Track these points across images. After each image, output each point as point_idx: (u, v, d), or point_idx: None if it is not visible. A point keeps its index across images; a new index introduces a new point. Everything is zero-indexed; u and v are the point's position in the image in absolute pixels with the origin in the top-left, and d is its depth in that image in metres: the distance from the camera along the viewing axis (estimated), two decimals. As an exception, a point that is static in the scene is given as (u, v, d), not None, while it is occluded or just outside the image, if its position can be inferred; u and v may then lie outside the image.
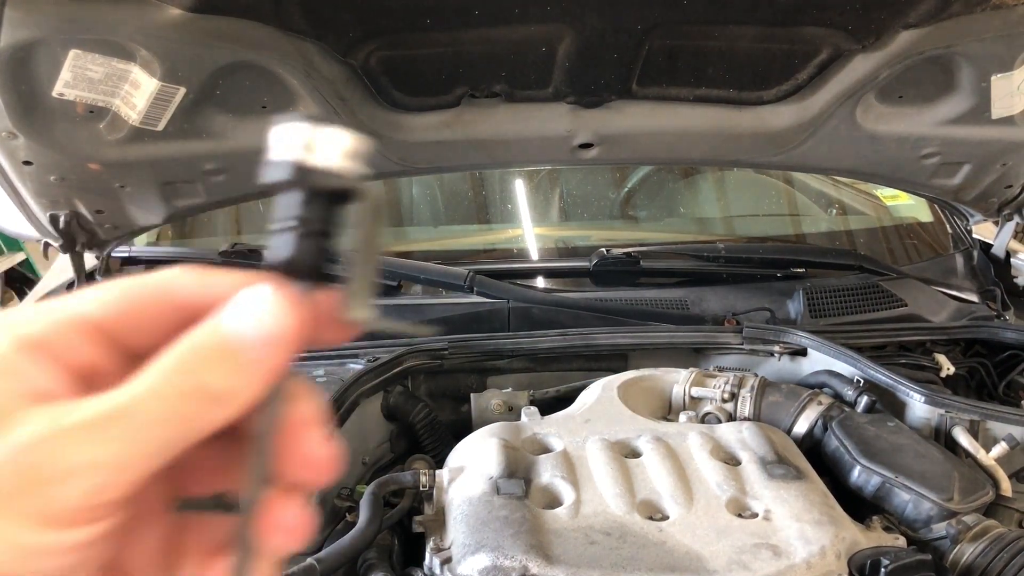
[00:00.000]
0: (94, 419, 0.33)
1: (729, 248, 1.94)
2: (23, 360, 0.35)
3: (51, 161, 1.40)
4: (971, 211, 1.91)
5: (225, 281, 0.39)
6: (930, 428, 1.42)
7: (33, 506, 0.32)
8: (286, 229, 0.39)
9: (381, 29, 1.29)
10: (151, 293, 0.39)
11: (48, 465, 0.32)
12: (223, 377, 0.36)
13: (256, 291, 0.37)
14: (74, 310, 0.37)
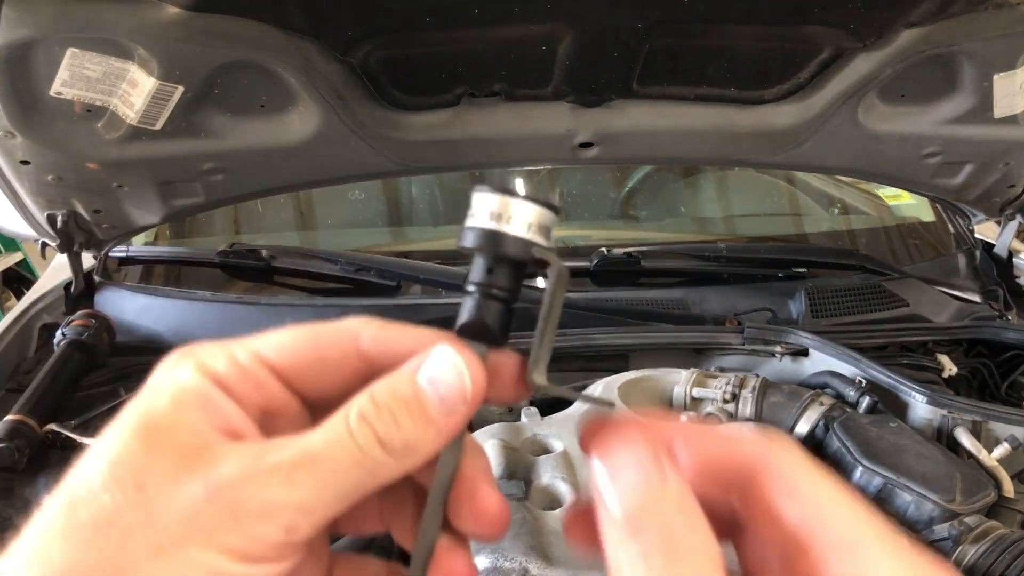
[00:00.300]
0: (291, 461, 0.34)
1: (730, 248, 1.93)
2: (217, 394, 0.37)
3: (49, 160, 1.39)
4: (973, 211, 1.90)
5: (409, 336, 0.41)
6: (932, 429, 1.42)
7: (234, 540, 0.33)
8: (474, 292, 0.42)
9: (380, 28, 1.28)
10: (334, 341, 0.40)
11: (249, 502, 0.33)
12: (413, 429, 0.37)
13: (448, 350, 0.39)
14: (258, 352, 0.39)
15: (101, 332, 1.52)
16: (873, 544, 0.34)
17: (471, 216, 0.42)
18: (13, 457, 1.21)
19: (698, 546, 0.33)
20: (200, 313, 1.67)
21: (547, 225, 0.42)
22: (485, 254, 0.41)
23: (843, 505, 0.35)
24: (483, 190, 0.42)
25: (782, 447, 0.38)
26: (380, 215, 2.20)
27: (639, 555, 0.33)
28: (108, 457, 0.35)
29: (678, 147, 1.62)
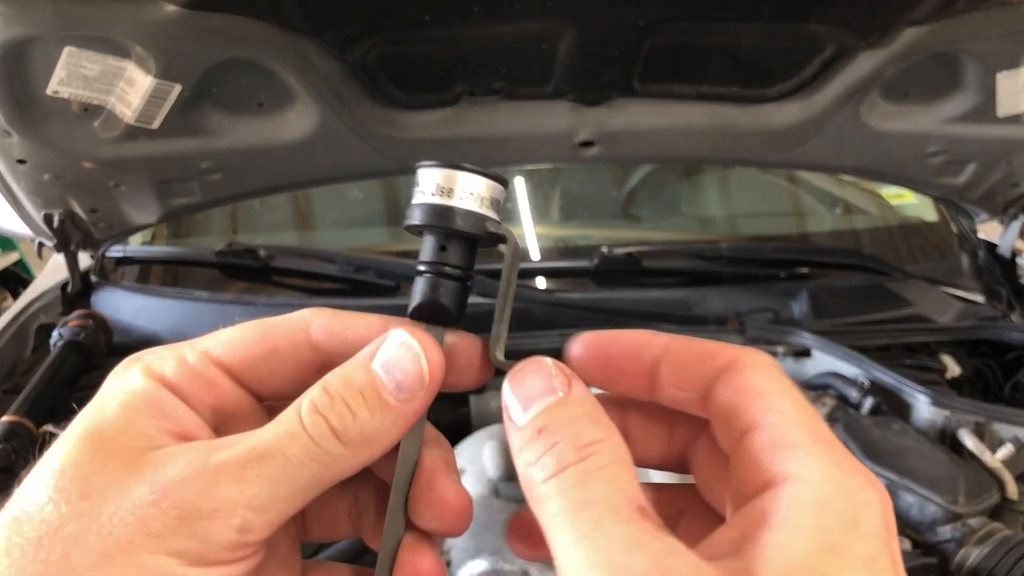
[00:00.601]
0: (241, 458, 0.33)
1: (732, 248, 1.93)
2: (167, 397, 0.36)
3: (45, 160, 1.39)
4: (977, 210, 1.89)
5: (361, 323, 0.41)
6: (935, 430, 1.41)
7: (184, 543, 0.32)
8: (427, 272, 0.41)
9: (379, 26, 1.27)
10: (284, 333, 0.39)
11: (197, 502, 0.32)
12: (369, 418, 0.35)
13: (402, 334, 0.38)
14: (207, 351, 0.38)
15: (98, 332, 1.51)
16: (808, 444, 0.33)
17: (418, 192, 0.41)
18: (9, 458, 1.20)
19: (604, 442, 0.33)
20: (198, 313, 1.66)
21: (497, 198, 0.40)
22: (436, 231, 0.40)
23: (790, 404, 0.35)
24: (428, 164, 0.41)
25: (755, 352, 0.38)
26: (379, 214, 2.19)
27: (546, 453, 0.33)
28: (53, 467, 0.34)
29: (679, 146, 1.61)
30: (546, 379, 0.36)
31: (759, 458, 0.34)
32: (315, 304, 1.61)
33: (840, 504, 0.31)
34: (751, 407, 0.36)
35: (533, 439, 0.33)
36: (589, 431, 0.33)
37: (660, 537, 0.30)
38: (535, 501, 0.33)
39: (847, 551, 0.30)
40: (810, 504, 0.31)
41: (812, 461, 0.32)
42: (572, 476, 0.31)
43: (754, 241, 2.14)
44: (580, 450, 0.32)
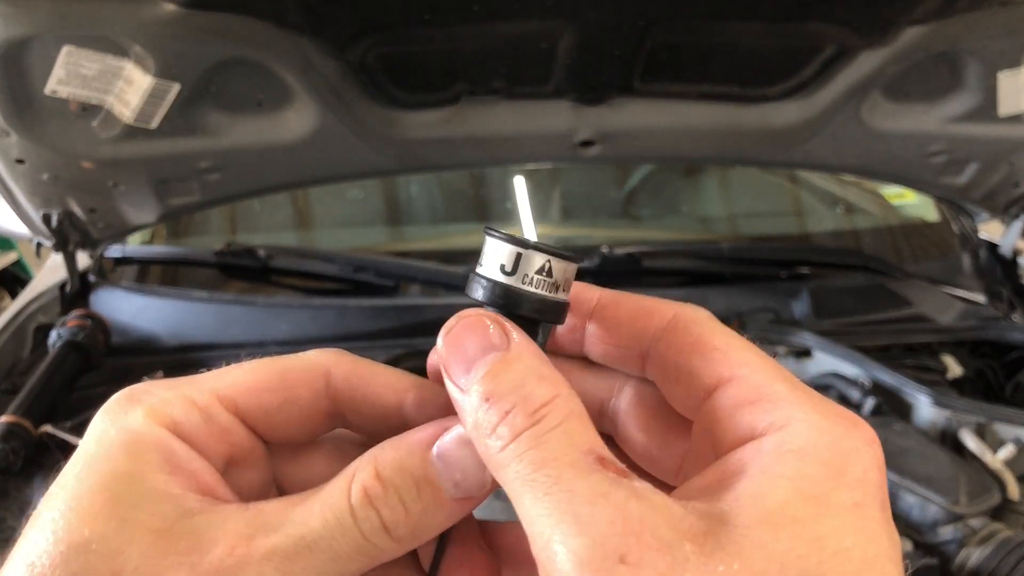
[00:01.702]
0: (289, 548, 0.31)
1: (733, 248, 1.92)
2: (180, 448, 0.33)
3: (44, 159, 1.38)
4: (978, 210, 1.89)
5: (384, 379, 0.37)
6: (936, 430, 1.41)
7: None
8: None
9: (378, 25, 1.27)
10: (304, 380, 0.37)
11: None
12: (422, 514, 0.34)
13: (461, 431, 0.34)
14: (219, 393, 0.35)
15: (97, 333, 1.51)
16: (788, 395, 0.32)
17: (482, 265, 0.38)
18: (8, 459, 1.20)
19: (555, 400, 0.32)
20: (197, 313, 1.66)
21: (569, 280, 0.38)
22: (499, 309, 0.37)
23: (754, 356, 0.34)
24: (497, 236, 0.37)
25: (694, 308, 0.37)
26: (378, 214, 2.19)
27: (500, 423, 0.31)
28: (73, 539, 0.30)
29: (680, 145, 1.61)
30: (483, 335, 0.33)
31: (737, 413, 0.33)
32: (315, 304, 1.61)
33: (824, 452, 0.30)
34: (712, 363, 0.35)
35: (482, 408, 0.32)
36: (538, 392, 0.32)
37: (622, 484, 0.29)
38: (495, 469, 0.32)
39: (830, 499, 0.29)
40: (793, 453, 0.30)
41: (795, 411, 0.32)
42: (527, 440, 0.30)
43: (755, 241, 2.13)
44: (532, 415, 0.31)
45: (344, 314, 1.65)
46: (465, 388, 0.33)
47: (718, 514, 0.29)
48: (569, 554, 0.28)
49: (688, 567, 0.27)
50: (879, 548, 0.29)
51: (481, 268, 0.37)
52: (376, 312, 1.66)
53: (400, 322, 1.65)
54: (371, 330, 1.63)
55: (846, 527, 0.29)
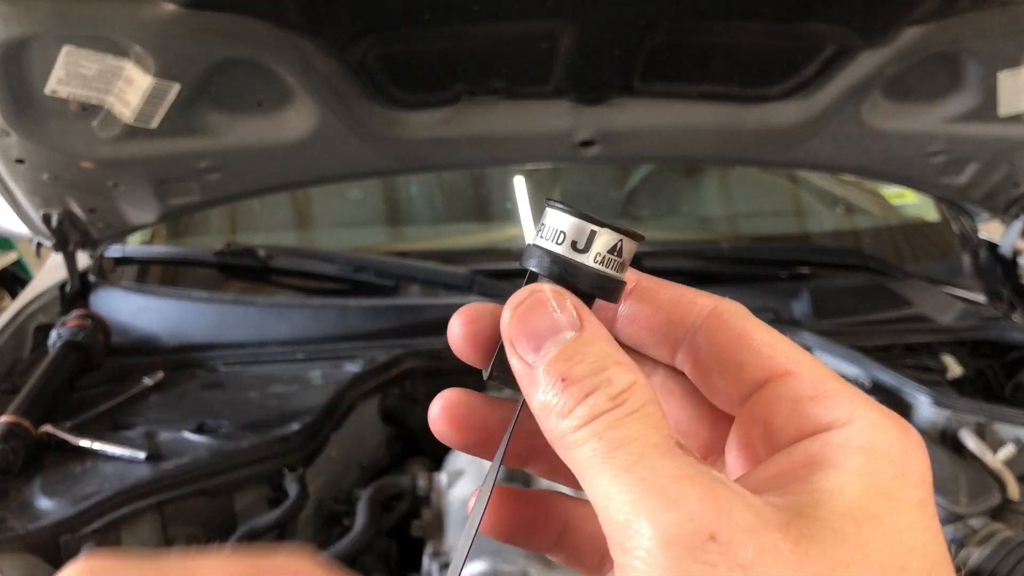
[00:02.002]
0: None
1: (733, 248, 1.92)
2: None
3: (44, 159, 1.38)
4: (978, 210, 1.89)
5: None
6: (936, 430, 1.41)
7: None
8: None
9: (378, 25, 1.27)
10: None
11: None
12: None
13: None
14: None
15: (97, 333, 1.51)
16: (845, 392, 0.33)
17: (543, 236, 0.37)
18: (8, 459, 1.20)
19: (635, 385, 0.32)
20: (197, 313, 1.66)
21: (629, 259, 0.37)
22: (551, 282, 0.36)
23: (802, 353, 0.35)
24: (564, 209, 0.37)
25: (733, 302, 0.37)
26: (378, 214, 2.19)
27: (579, 405, 0.31)
28: None
29: (680, 145, 1.61)
30: (555, 313, 0.33)
31: (798, 408, 0.33)
32: (315, 304, 1.60)
33: (889, 450, 0.31)
34: (762, 357, 0.35)
35: (557, 388, 0.32)
36: (619, 377, 0.31)
37: (704, 470, 0.29)
38: (565, 447, 0.31)
39: (899, 496, 0.30)
40: (861, 449, 0.31)
41: (856, 408, 0.32)
42: (607, 420, 0.30)
43: (755, 241, 2.13)
44: (614, 399, 0.31)
45: (344, 314, 1.65)
46: (534, 364, 0.33)
47: (795, 506, 0.29)
48: (657, 529, 0.28)
49: (779, 553, 0.27)
50: (942, 547, 0.30)
51: (542, 240, 0.37)
52: (376, 312, 1.66)
53: (400, 322, 1.65)
54: (371, 330, 1.63)
55: (917, 524, 0.30)
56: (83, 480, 1.19)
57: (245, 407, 1.40)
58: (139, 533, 1.17)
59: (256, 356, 1.57)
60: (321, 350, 1.57)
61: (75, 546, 1.10)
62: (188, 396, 1.44)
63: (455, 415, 0.39)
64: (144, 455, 1.23)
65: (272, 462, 1.27)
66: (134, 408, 1.40)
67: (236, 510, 1.25)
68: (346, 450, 1.43)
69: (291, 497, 1.23)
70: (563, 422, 0.31)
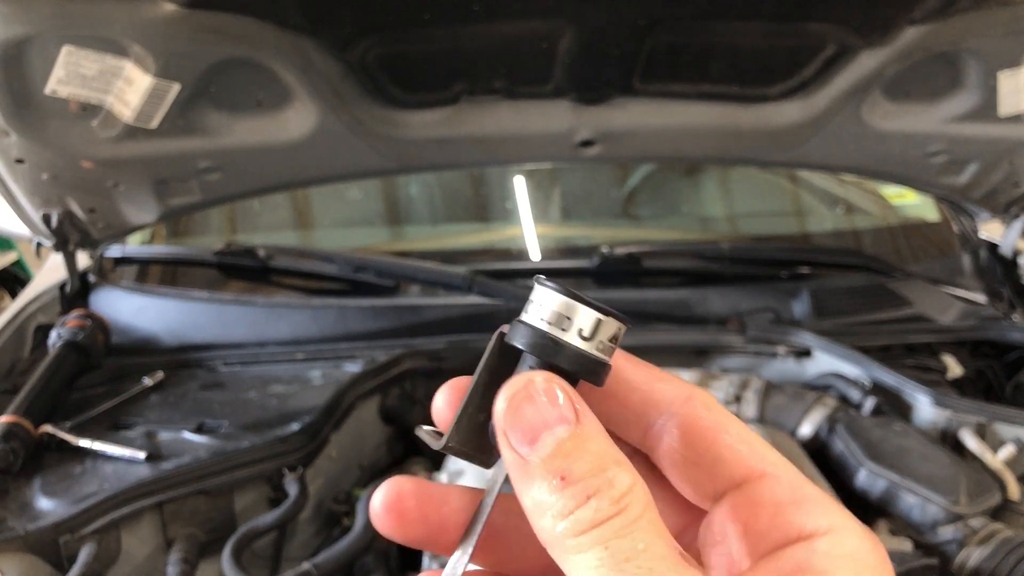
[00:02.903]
0: None
1: (733, 248, 1.92)
2: None
3: (44, 159, 1.38)
4: (978, 209, 1.89)
5: None
6: (937, 430, 1.41)
7: None
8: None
9: (378, 25, 1.27)
10: None
11: None
12: None
13: None
14: None
15: (96, 333, 1.51)
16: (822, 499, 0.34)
17: (529, 313, 0.37)
18: (8, 459, 1.20)
19: (635, 486, 0.32)
20: (196, 313, 1.66)
21: (615, 336, 0.37)
22: (537, 360, 0.36)
23: (775, 453, 0.36)
24: (549, 286, 0.37)
25: (703, 391, 0.37)
26: (378, 214, 2.19)
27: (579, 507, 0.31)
28: None
29: (680, 145, 1.60)
30: (551, 404, 0.32)
31: (780, 511, 0.34)
32: (315, 304, 1.60)
33: (869, 559, 0.33)
34: (741, 455, 0.35)
35: (555, 487, 0.31)
36: (621, 479, 0.31)
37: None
38: (563, 551, 0.31)
39: None
40: (847, 559, 0.32)
41: (833, 517, 0.33)
42: (612, 528, 0.30)
43: (755, 241, 2.13)
44: (617, 502, 0.31)
45: (344, 314, 1.65)
46: (528, 458, 0.32)
47: None
48: None
49: None
50: None
51: (529, 317, 0.37)
52: (376, 312, 1.66)
53: (400, 322, 1.65)
54: (371, 330, 1.63)
55: None
56: (83, 480, 1.19)
57: (245, 407, 1.40)
58: (139, 533, 1.17)
59: (256, 356, 1.57)
60: (321, 350, 1.57)
61: (75, 546, 1.10)
62: (188, 396, 1.44)
63: (403, 508, 0.37)
64: (144, 455, 1.22)
65: (272, 462, 1.27)
66: (134, 408, 1.40)
67: (236, 510, 1.25)
68: (346, 450, 1.43)
69: (291, 497, 1.23)
70: (561, 524, 0.31)
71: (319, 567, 1.12)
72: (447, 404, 0.38)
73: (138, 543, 1.17)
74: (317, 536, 1.35)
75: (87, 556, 1.08)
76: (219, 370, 1.54)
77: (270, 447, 1.28)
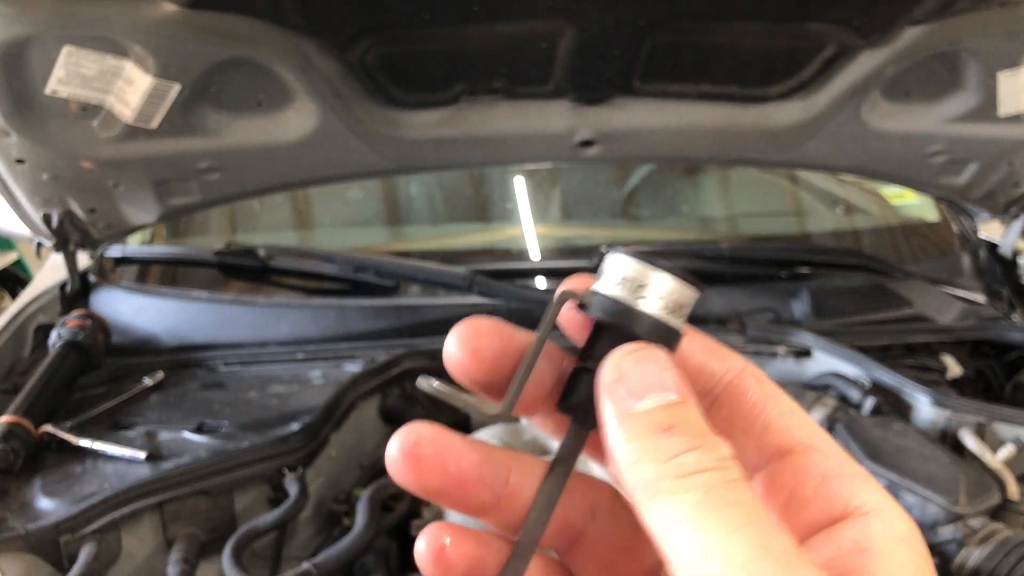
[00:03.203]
0: None
1: (733, 248, 1.92)
2: None
3: (44, 159, 1.38)
4: (978, 210, 1.89)
5: None
6: (936, 430, 1.41)
7: None
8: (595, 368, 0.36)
9: (378, 25, 1.27)
10: None
11: None
12: None
13: None
14: None
15: (97, 333, 1.51)
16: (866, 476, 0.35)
17: (604, 281, 0.37)
18: (8, 459, 1.20)
19: (734, 459, 0.32)
20: (197, 313, 1.66)
21: (687, 305, 0.37)
22: (613, 328, 0.36)
23: (820, 428, 0.37)
24: (624, 253, 0.36)
25: (755, 366, 0.38)
26: (378, 214, 2.19)
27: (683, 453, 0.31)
28: None
29: (680, 145, 1.60)
30: (660, 373, 0.33)
31: (827, 483, 0.35)
32: (315, 304, 1.60)
33: (919, 545, 0.34)
34: (790, 426, 0.36)
35: (659, 433, 0.32)
36: (723, 446, 0.32)
37: (806, 554, 0.31)
38: (654, 492, 0.31)
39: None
40: (901, 540, 0.33)
41: (878, 496, 0.34)
42: (715, 478, 0.31)
43: (755, 241, 2.13)
44: (721, 461, 0.31)
45: (344, 314, 1.65)
46: (634, 409, 0.33)
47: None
48: None
49: None
50: None
51: (604, 285, 0.36)
52: (376, 312, 1.66)
53: (400, 322, 1.65)
54: (371, 330, 1.63)
55: None
56: (83, 480, 1.19)
57: (245, 407, 1.40)
58: (139, 533, 1.17)
59: (256, 356, 1.57)
60: (321, 350, 1.57)
61: (75, 546, 1.10)
62: (188, 396, 1.44)
63: (420, 455, 0.35)
64: (144, 455, 1.23)
65: (272, 462, 1.27)
66: (134, 408, 1.40)
67: (236, 510, 1.25)
68: (346, 450, 1.43)
69: (291, 497, 1.23)
70: (661, 467, 0.31)
71: (319, 567, 1.12)
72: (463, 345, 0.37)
73: (138, 543, 1.17)
74: (317, 536, 1.35)
75: (87, 556, 1.08)
76: (219, 370, 1.54)
77: (270, 447, 1.28)
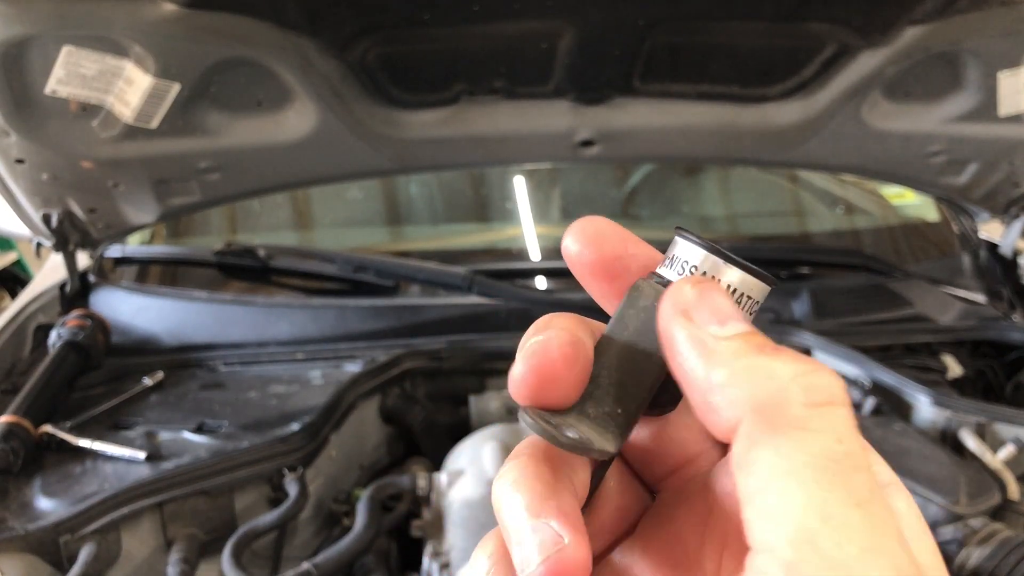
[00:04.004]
0: None
1: (733, 248, 1.92)
2: None
3: (44, 159, 1.38)
4: (978, 210, 1.89)
5: None
6: (937, 430, 1.41)
7: None
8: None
9: (378, 24, 1.27)
10: None
11: None
12: None
13: None
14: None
15: (96, 333, 1.51)
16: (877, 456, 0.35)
17: (667, 264, 0.36)
18: (8, 459, 1.20)
19: None
20: (196, 313, 1.66)
21: (757, 300, 0.35)
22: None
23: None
24: (690, 239, 0.35)
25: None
26: (378, 214, 2.19)
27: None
28: None
29: (680, 145, 1.60)
30: (733, 307, 0.33)
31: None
32: (315, 304, 1.60)
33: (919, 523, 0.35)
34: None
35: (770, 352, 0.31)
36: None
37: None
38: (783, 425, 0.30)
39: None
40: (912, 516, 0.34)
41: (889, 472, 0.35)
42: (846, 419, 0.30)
43: (755, 241, 2.13)
44: (844, 392, 0.31)
45: (344, 314, 1.65)
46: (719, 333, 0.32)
47: None
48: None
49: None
50: None
51: (670, 272, 0.36)
52: (376, 312, 1.66)
53: (400, 322, 1.65)
54: (371, 330, 1.63)
55: None
56: (83, 480, 1.19)
57: (245, 407, 1.40)
58: (139, 533, 1.17)
59: (256, 356, 1.57)
60: (321, 350, 1.57)
61: (75, 546, 1.10)
62: (188, 396, 1.44)
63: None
64: (144, 455, 1.23)
65: (272, 462, 1.27)
66: (134, 408, 1.40)
67: (236, 510, 1.25)
68: (346, 450, 1.43)
69: (291, 497, 1.23)
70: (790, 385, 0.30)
71: (319, 566, 1.12)
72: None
73: (138, 543, 1.17)
74: (317, 536, 1.35)
75: (87, 556, 1.08)
76: (219, 370, 1.54)
77: (270, 447, 1.28)
